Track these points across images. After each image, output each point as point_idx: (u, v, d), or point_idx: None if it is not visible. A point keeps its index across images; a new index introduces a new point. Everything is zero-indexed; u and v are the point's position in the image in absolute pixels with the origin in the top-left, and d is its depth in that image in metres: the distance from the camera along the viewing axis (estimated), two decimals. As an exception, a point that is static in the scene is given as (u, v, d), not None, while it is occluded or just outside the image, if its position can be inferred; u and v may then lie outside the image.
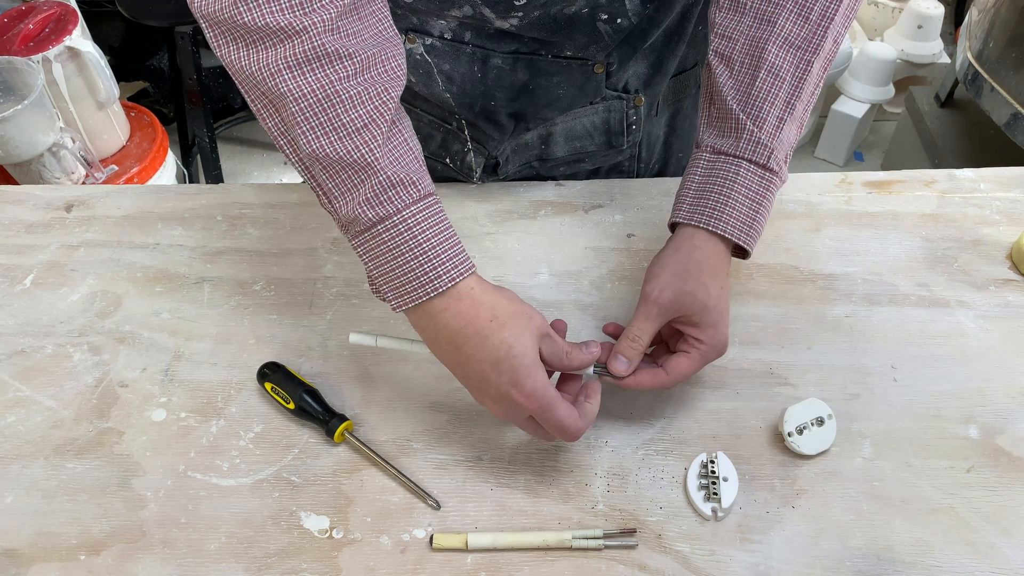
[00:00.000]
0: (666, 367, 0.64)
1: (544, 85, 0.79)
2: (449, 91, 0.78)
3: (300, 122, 0.57)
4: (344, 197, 0.59)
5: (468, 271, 0.60)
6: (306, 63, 0.56)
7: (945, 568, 0.60)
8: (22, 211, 0.89)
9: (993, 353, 0.73)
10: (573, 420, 0.59)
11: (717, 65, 0.68)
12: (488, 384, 0.59)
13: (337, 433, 0.66)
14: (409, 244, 0.58)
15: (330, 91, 0.57)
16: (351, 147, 0.57)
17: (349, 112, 0.57)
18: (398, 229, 0.58)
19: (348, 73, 0.57)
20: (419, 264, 0.58)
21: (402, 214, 0.58)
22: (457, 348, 0.60)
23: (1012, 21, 1.69)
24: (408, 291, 0.59)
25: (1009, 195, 0.88)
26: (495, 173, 0.89)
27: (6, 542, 0.62)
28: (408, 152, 0.60)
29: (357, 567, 0.60)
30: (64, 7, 1.59)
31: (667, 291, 0.63)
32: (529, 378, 0.58)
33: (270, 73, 0.57)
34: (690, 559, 0.60)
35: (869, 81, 2.37)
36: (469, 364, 0.59)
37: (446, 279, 0.58)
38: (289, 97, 0.57)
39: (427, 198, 0.59)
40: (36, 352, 0.75)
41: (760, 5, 0.66)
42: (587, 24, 0.72)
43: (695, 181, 0.67)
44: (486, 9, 0.70)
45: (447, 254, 0.59)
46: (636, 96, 0.84)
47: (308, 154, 0.58)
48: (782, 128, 0.66)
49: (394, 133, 0.59)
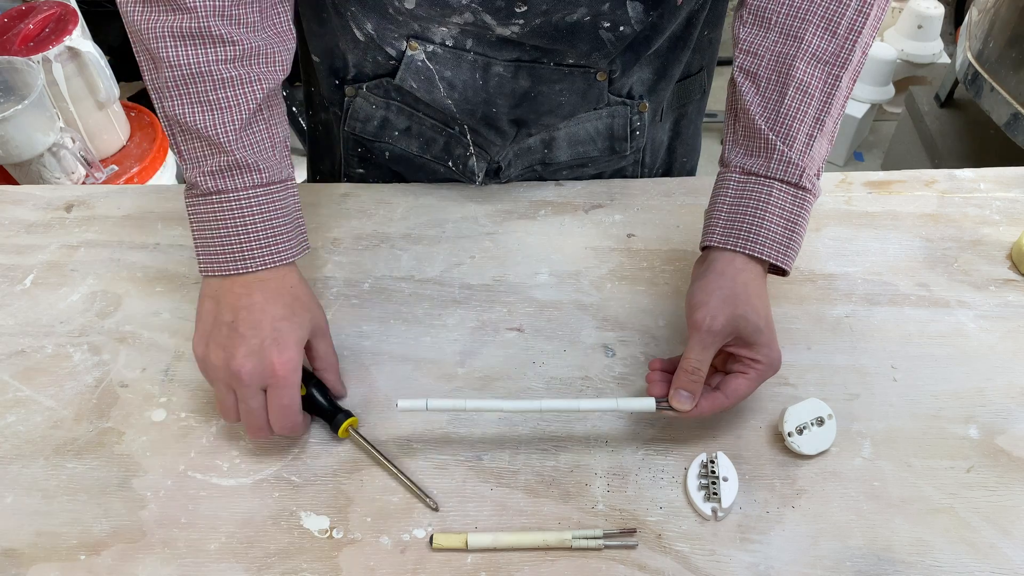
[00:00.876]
0: (724, 390, 0.63)
1: (546, 92, 0.78)
2: (451, 98, 0.78)
3: (170, 87, 0.62)
4: (193, 162, 0.63)
5: (282, 261, 0.63)
6: (189, 38, 0.60)
7: (945, 568, 0.60)
8: (22, 211, 0.89)
9: (993, 353, 0.73)
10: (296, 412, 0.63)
11: (743, 82, 0.67)
12: (257, 333, 0.61)
13: (342, 429, 0.66)
14: (235, 222, 0.62)
15: (204, 69, 0.61)
16: (210, 123, 0.61)
17: (217, 91, 0.61)
18: (230, 206, 0.62)
19: (226, 57, 0.61)
20: (239, 242, 0.62)
21: (238, 193, 0.62)
22: (249, 293, 0.62)
23: (1012, 21, 1.69)
24: (220, 262, 0.63)
25: (1009, 195, 0.88)
26: (497, 177, 0.89)
27: (6, 542, 0.62)
28: (265, 140, 0.64)
29: (357, 567, 0.60)
30: (64, 7, 1.59)
31: (719, 317, 0.61)
32: (295, 348, 0.62)
33: (154, 36, 0.61)
34: (690, 559, 0.60)
35: (869, 81, 2.37)
36: (251, 310, 0.62)
37: (258, 262, 0.62)
38: (165, 63, 0.61)
39: (270, 185, 0.63)
40: (36, 352, 0.75)
41: (786, 20, 0.65)
42: (589, 32, 0.72)
43: (727, 203, 0.66)
44: (487, 16, 0.70)
45: (268, 241, 0.63)
46: (640, 102, 0.84)
47: (171, 116, 0.63)
48: (812, 145, 0.65)
49: (256, 120, 0.63)
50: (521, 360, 0.74)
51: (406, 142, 0.87)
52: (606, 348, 0.75)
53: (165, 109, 0.63)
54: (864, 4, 0.64)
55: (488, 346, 0.75)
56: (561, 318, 0.77)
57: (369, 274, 0.81)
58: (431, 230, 0.85)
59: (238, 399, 0.62)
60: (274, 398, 0.62)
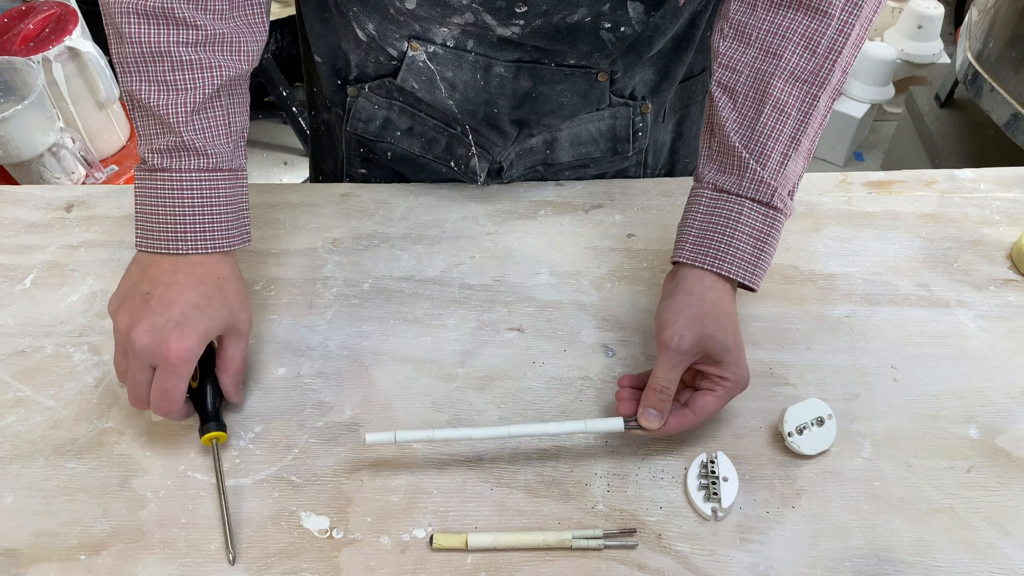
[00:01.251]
0: (693, 407, 0.63)
1: (547, 93, 0.78)
2: (452, 98, 0.78)
3: (130, 63, 0.62)
4: (145, 139, 0.64)
5: (216, 248, 0.63)
6: (153, 17, 0.61)
7: (945, 568, 0.60)
8: (22, 211, 0.89)
9: (993, 353, 0.73)
10: (178, 402, 0.62)
11: (720, 96, 0.66)
12: (164, 312, 0.61)
13: (205, 437, 0.65)
14: (175, 202, 0.63)
15: (164, 49, 0.61)
16: (163, 103, 0.62)
17: (175, 72, 0.62)
18: (172, 185, 0.62)
19: (188, 40, 0.62)
20: (175, 223, 0.62)
21: (181, 173, 0.62)
22: (173, 273, 0.62)
23: (1012, 21, 1.69)
24: (153, 239, 0.63)
25: (1009, 195, 0.88)
26: (499, 177, 0.89)
27: (6, 542, 0.62)
28: (219, 127, 0.64)
29: (357, 567, 0.60)
30: (64, 7, 1.59)
31: (687, 337, 0.61)
32: (196, 339, 0.61)
33: (120, 11, 0.61)
34: (690, 559, 0.60)
35: (869, 81, 2.37)
36: (168, 287, 0.62)
37: (191, 245, 0.63)
38: (127, 39, 0.62)
39: (214, 171, 0.63)
40: (36, 352, 0.75)
41: (766, 37, 0.64)
42: (590, 33, 0.72)
43: (697, 219, 0.66)
44: (488, 16, 0.70)
45: (204, 226, 0.63)
46: (643, 103, 0.84)
47: (130, 91, 0.63)
48: (786, 164, 0.65)
49: (211, 106, 0.63)
50: (521, 360, 0.74)
51: (408, 142, 0.87)
52: (606, 348, 0.75)
53: (125, 84, 0.64)
54: (845, 25, 0.63)
55: (488, 346, 0.75)
56: (561, 318, 0.77)
57: (369, 274, 0.81)
58: (431, 230, 0.85)
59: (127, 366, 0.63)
60: (159, 379, 0.62)
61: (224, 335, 0.65)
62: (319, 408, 0.70)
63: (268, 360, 0.74)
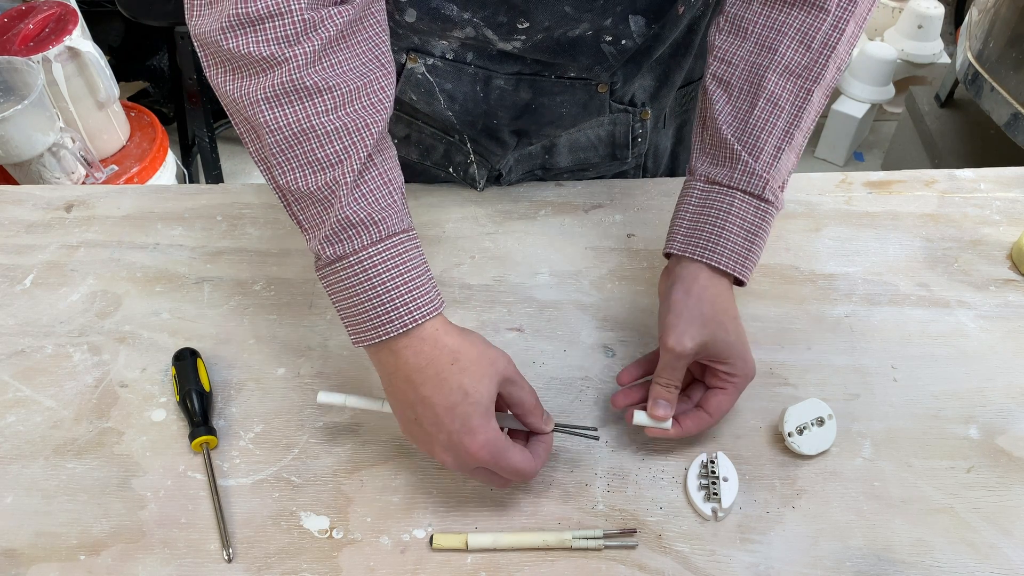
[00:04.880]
0: (707, 408, 0.64)
1: (547, 104, 0.78)
2: (451, 109, 0.78)
3: (276, 154, 0.57)
4: (312, 231, 0.59)
5: (428, 315, 0.58)
6: (284, 96, 0.56)
7: (945, 568, 0.60)
8: (22, 211, 0.89)
9: (993, 353, 0.73)
10: (527, 462, 0.59)
11: (715, 90, 0.66)
12: (440, 429, 0.57)
13: (196, 442, 0.66)
14: (364, 285, 0.57)
15: (305, 125, 0.56)
16: (321, 183, 0.57)
17: (324, 147, 0.57)
18: (354, 270, 0.57)
19: (326, 107, 0.56)
20: (373, 306, 0.57)
21: (358, 255, 0.57)
22: (414, 387, 0.58)
23: (1012, 21, 1.69)
24: (364, 330, 0.58)
25: (1009, 195, 0.88)
26: (498, 183, 0.89)
27: (6, 542, 0.62)
28: (380, 188, 0.58)
29: (357, 567, 0.60)
30: (64, 7, 1.59)
31: (687, 340, 0.61)
32: (482, 428, 0.57)
33: (249, 103, 0.57)
34: (690, 559, 0.60)
35: (869, 81, 2.37)
36: (424, 405, 0.58)
37: (398, 324, 0.57)
38: (265, 128, 0.57)
39: (390, 239, 0.58)
40: (36, 352, 0.75)
41: (763, 32, 0.65)
42: (591, 46, 0.72)
43: (689, 211, 0.66)
44: (488, 31, 0.70)
45: (405, 297, 0.57)
46: (643, 110, 0.84)
47: (282, 185, 0.59)
48: (779, 158, 0.65)
49: (368, 168, 0.58)
50: (521, 360, 0.73)
51: (405, 150, 0.87)
52: (606, 348, 0.75)
53: (275, 179, 0.59)
54: (840, 20, 0.64)
55: (488, 346, 0.75)
56: (561, 318, 0.77)
57: (369, 274, 0.81)
58: (431, 230, 0.85)
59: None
60: (494, 471, 0.59)
61: (499, 391, 0.60)
62: (319, 408, 0.70)
63: (268, 360, 0.74)
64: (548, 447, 0.62)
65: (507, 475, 0.59)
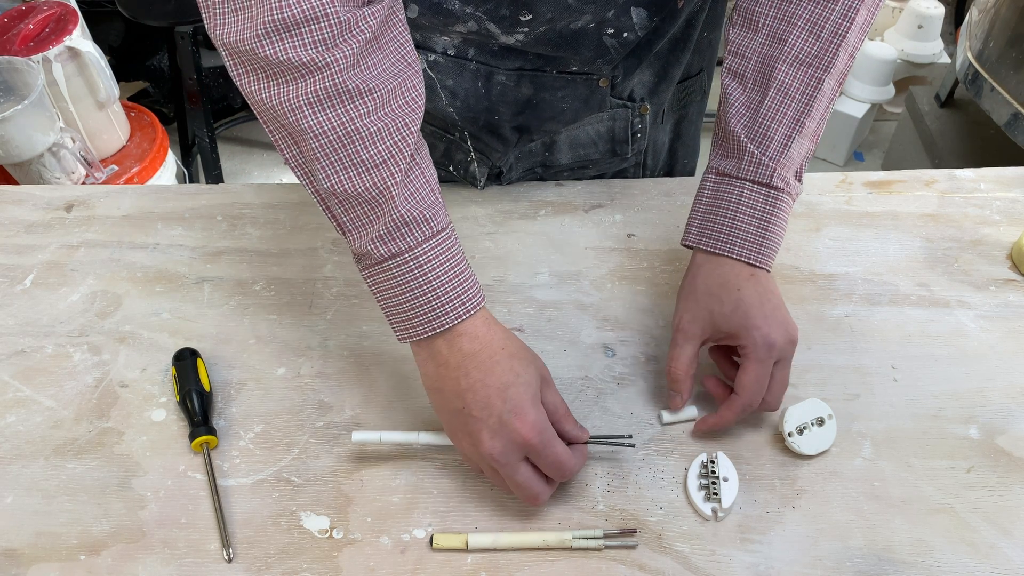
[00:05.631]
0: (737, 389, 0.64)
1: (548, 100, 0.78)
2: (453, 106, 0.78)
3: (320, 158, 0.57)
4: (358, 231, 0.59)
5: (476, 307, 0.60)
6: (327, 100, 0.55)
7: (945, 568, 0.60)
8: (22, 211, 0.89)
9: (993, 353, 0.73)
10: (570, 457, 0.59)
11: (730, 83, 0.68)
12: (491, 412, 0.57)
13: (196, 442, 0.66)
14: (419, 281, 0.58)
15: (350, 128, 0.56)
16: (369, 184, 0.57)
17: (369, 149, 0.57)
18: (409, 266, 0.58)
19: (368, 109, 0.56)
20: (427, 300, 0.58)
21: (413, 251, 0.58)
22: (466, 373, 0.59)
23: (1012, 21, 1.69)
24: (415, 325, 0.59)
25: (1009, 195, 0.88)
26: (498, 181, 0.89)
27: (6, 542, 0.62)
28: (424, 186, 0.59)
29: (357, 567, 0.60)
30: (64, 7, 1.59)
31: (685, 316, 0.66)
32: (532, 410, 0.58)
33: (291, 108, 0.56)
34: (690, 559, 0.60)
35: (869, 81, 2.37)
36: (474, 390, 0.58)
37: (452, 316, 0.58)
38: (309, 133, 0.56)
39: (439, 234, 0.59)
40: (36, 352, 0.75)
41: (773, 23, 0.66)
42: (593, 39, 0.72)
43: (703, 203, 0.69)
44: (491, 25, 0.70)
45: (456, 291, 0.59)
46: (641, 105, 0.84)
47: (326, 189, 0.58)
48: (789, 146, 0.66)
49: (412, 167, 0.58)
50: (521, 360, 0.74)
51: None
52: (606, 348, 0.75)
53: (317, 183, 0.59)
54: (850, 9, 0.64)
55: (488, 346, 0.75)
56: (561, 318, 0.77)
57: (369, 274, 0.81)
58: (431, 230, 0.85)
59: (504, 479, 0.60)
60: (540, 460, 0.58)
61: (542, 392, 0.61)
62: (319, 408, 0.70)
63: (268, 360, 0.74)
64: (584, 455, 0.62)
65: (550, 465, 0.58)
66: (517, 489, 0.59)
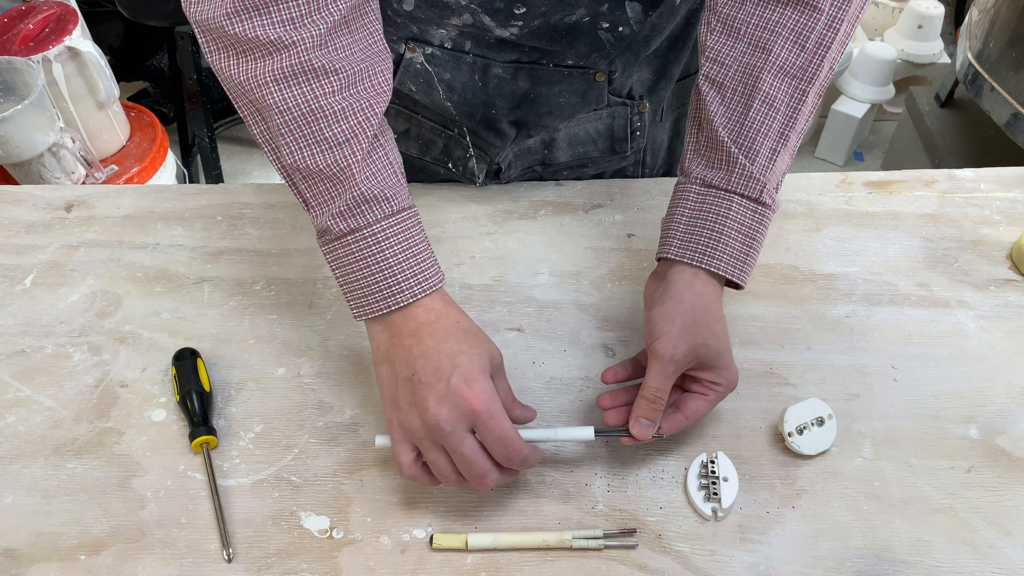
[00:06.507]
0: (684, 412, 0.62)
1: (545, 94, 0.78)
2: (450, 100, 0.78)
3: (284, 133, 0.59)
4: (320, 207, 0.61)
5: (432, 288, 0.60)
6: (292, 77, 0.57)
7: (945, 568, 0.60)
8: (22, 211, 0.89)
9: (993, 353, 0.73)
10: (518, 436, 0.57)
11: (708, 91, 0.65)
12: (440, 377, 0.57)
13: (196, 442, 0.66)
14: (376, 257, 0.59)
15: (314, 105, 0.58)
16: (331, 160, 0.59)
17: (332, 127, 0.58)
18: (367, 242, 0.59)
19: (333, 88, 0.58)
20: (383, 277, 0.59)
21: (372, 227, 0.59)
22: (419, 340, 0.59)
23: (1012, 21, 1.69)
24: (371, 302, 0.60)
25: (1009, 195, 0.88)
26: (497, 178, 0.89)
27: (6, 542, 0.62)
28: (387, 167, 0.61)
29: (357, 567, 0.60)
30: (64, 7, 1.59)
31: (680, 347, 0.60)
32: (481, 379, 0.57)
33: (257, 84, 0.58)
34: (690, 559, 0.60)
35: (869, 81, 2.37)
36: (426, 356, 0.58)
37: (408, 294, 0.59)
38: (274, 109, 0.58)
39: (400, 213, 0.60)
40: (36, 352, 0.75)
41: (755, 31, 0.64)
42: (588, 33, 0.72)
43: (685, 215, 0.65)
44: (486, 17, 0.70)
45: (413, 270, 0.59)
46: (640, 102, 0.84)
47: (290, 164, 0.60)
48: (775, 160, 0.64)
49: (375, 148, 0.60)
50: (521, 360, 0.74)
51: (405, 144, 0.87)
52: (606, 348, 0.75)
53: (282, 158, 0.60)
54: (834, 20, 0.63)
55: (488, 346, 0.75)
56: (561, 318, 0.77)
57: (369, 274, 0.81)
58: (431, 230, 0.85)
59: (450, 454, 0.58)
60: (486, 434, 0.57)
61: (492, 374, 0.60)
62: (319, 408, 0.70)
63: (268, 360, 0.74)
64: (538, 453, 0.60)
65: (495, 441, 0.56)
66: (463, 464, 0.57)
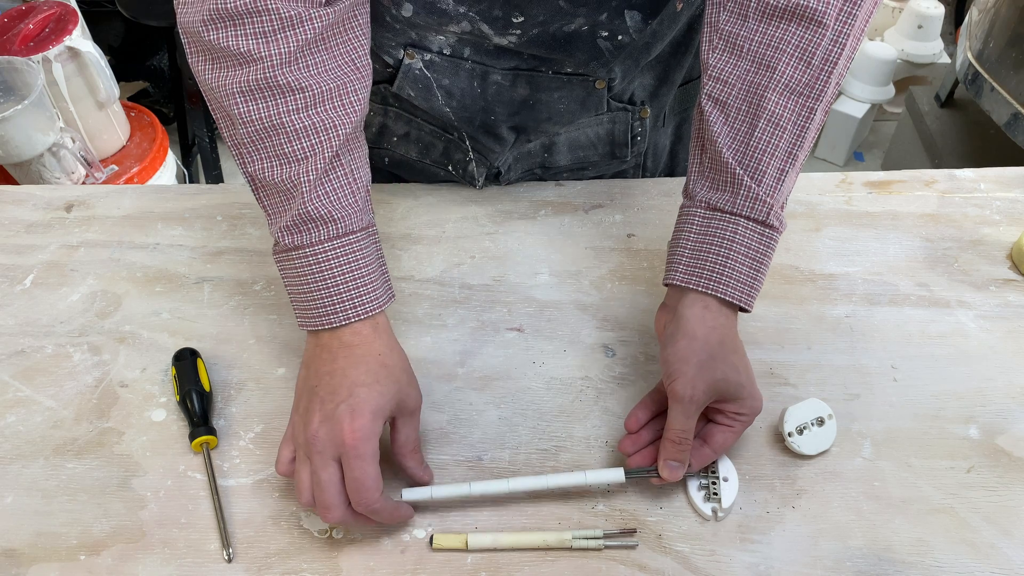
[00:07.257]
0: (711, 445, 0.62)
1: (545, 100, 0.78)
2: (449, 106, 0.78)
3: (246, 143, 0.61)
4: (274, 217, 0.63)
5: (368, 313, 0.61)
6: (258, 91, 0.59)
7: (945, 568, 0.60)
8: (22, 211, 0.89)
9: (993, 353, 0.73)
10: (376, 485, 0.56)
11: (711, 110, 0.62)
12: (333, 399, 0.57)
13: (196, 442, 0.66)
14: (315, 277, 0.61)
15: (276, 121, 0.60)
16: (285, 176, 0.60)
17: (292, 143, 0.60)
18: (307, 260, 0.61)
19: (297, 106, 0.60)
20: (321, 297, 0.61)
21: (314, 247, 0.60)
22: (334, 359, 0.60)
23: (1012, 21, 1.69)
24: (310, 316, 0.62)
25: (1009, 195, 0.88)
26: (497, 181, 0.89)
27: (6, 542, 0.62)
28: (343, 188, 0.61)
29: (357, 567, 0.60)
30: (64, 7, 1.59)
31: (699, 385, 0.58)
32: (371, 418, 0.57)
33: (225, 93, 0.60)
34: (690, 559, 0.60)
35: (869, 81, 2.37)
36: (333, 375, 0.59)
37: (342, 316, 0.60)
38: (239, 120, 0.60)
39: (346, 236, 0.61)
40: (36, 352, 0.75)
41: (759, 49, 0.61)
42: (587, 41, 0.72)
43: (691, 240, 0.63)
44: (484, 26, 0.70)
45: (351, 293, 0.61)
46: (642, 108, 0.83)
47: (251, 173, 0.62)
48: (783, 180, 0.61)
49: (333, 167, 0.61)
50: (521, 360, 0.74)
51: (405, 147, 0.87)
52: (606, 348, 0.75)
53: (245, 166, 0.62)
54: (840, 34, 0.60)
55: (488, 346, 0.75)
56: (561, 318, 0.77)
57: (369, 274, 0.81)
58: (431, 230, 0.85)
59: (311, 473, 0.57)
60: (347, 471, 0.56)
61: (396, 415, 0.61)
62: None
63: (268, 360, 0.74)
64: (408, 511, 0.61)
65: (351, 481, 0.56)
66: (317, 488, 0.57)
